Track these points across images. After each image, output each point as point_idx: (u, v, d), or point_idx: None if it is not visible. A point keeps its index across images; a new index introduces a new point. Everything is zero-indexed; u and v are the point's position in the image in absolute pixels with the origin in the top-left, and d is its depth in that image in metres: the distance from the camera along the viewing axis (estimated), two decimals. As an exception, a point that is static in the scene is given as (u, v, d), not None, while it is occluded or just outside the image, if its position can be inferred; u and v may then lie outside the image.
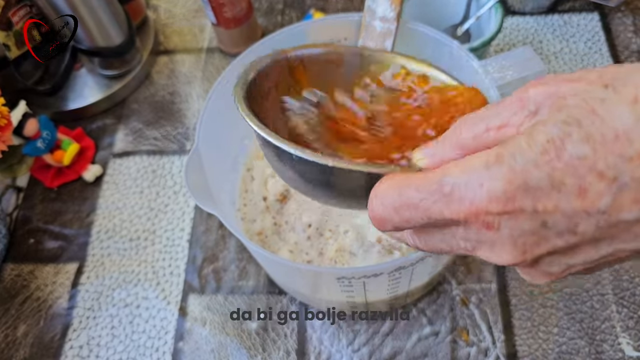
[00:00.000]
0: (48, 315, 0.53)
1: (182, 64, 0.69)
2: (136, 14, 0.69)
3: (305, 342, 0.49)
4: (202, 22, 0.73)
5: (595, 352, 0.46)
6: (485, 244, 0.21)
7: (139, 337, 0.51)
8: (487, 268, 0.50)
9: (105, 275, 0.55)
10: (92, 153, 0.63)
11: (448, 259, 0.44)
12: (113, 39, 0.63)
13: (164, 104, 0.66)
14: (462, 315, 0.48)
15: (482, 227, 0.20)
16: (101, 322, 0.52)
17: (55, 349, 0.51)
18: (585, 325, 0.47)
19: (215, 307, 0.52)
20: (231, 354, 0.49)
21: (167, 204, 0.58)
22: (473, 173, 0.19)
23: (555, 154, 0.18)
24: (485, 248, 0.21)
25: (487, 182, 0.19)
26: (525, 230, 0.19)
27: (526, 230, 0.19)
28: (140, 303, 0.53)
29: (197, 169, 0.41)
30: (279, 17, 0.72)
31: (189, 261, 0.54)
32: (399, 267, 0.37)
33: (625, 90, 0.18)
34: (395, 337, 0.48)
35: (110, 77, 0.67)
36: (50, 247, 0.58)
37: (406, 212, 0.22)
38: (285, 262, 0.40)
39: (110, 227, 0.58)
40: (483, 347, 0.47)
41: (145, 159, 0.62)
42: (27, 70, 0.65)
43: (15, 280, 0.56)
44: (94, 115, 0.66)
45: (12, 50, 0.62)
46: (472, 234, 0.21)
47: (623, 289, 0.48)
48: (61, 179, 0.61)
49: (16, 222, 0.60)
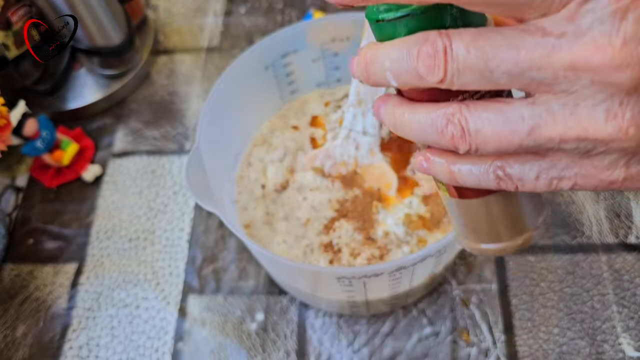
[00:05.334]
0: (47, 316, 0.53)
1: (182, 63, 0.69)
2: (135, 13, 0.69)
3: (305, 343, 0.49)
4: (201, 21, 0.73)
5: (595, 353, 0.46)
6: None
7: (138, 337, 0.51)
8: (488, 268, 0.50)
9: (105, 276, 0.55)
10: (91, 153, 0.63)
11: (448, 259, 0.44)
12: (112, 39, 0.63)
13: (163, 103, 0.66)
14: (463, 316, 0.48)
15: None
16: (100, 323, 0.52)
17: (55, 349, 0.51)
18: (586, 326, 0.47)
19: (215, 307, 0.51)
20: (231, 354, 0.49)
21: (166, 204, 0.58)
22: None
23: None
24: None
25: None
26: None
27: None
28: (139, 303, 0.53)
29: (198, 168, 0.41)
30: (278, 16, 0.71)
31: (189, 261, 0.54)
32: (400, 267, 0.36)
33: None
34: (395, 338, 0.48)
35: (110, 77, 0.67)
36: (49, 247, 0.57)
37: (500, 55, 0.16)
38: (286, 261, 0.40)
39: (110, 227, 0.58)
40: (484, 348, 0.47)
41: (145, 159, 0.62)
42: (26, 70, 0.65)
43: (15, 280, 0.56)
44: (93, 115, 0.66)
45: (11, 50, 0.62)
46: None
47: (624, 289, 0.48)
48: (60, 179, 0.61)
49: (15, 222, 0.60)
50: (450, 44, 0.17)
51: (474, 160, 0.20)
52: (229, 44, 0.70)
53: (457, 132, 0.18)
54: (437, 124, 0.19)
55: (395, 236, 0.45)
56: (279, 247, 0.47)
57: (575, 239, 0.51)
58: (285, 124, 0.54)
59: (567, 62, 0.16)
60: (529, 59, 0.16)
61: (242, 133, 0.53)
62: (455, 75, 0.17)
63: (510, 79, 0.17)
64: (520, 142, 0.18)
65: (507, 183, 0.19)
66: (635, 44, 0.15)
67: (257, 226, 0.48)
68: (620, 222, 0.52)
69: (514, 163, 0.19)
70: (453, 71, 0.17)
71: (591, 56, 0.16)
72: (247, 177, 0.51)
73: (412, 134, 0.20)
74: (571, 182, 0.19)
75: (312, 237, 0.47)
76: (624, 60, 0.15)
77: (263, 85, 0.51)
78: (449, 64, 0.17)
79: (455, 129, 0.18)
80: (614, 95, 0.16)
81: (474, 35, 0.17)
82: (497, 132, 0.18)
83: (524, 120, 0.17)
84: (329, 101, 0.55)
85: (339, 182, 0.49)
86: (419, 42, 0.18)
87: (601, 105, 0.16)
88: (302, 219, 0.48)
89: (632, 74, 0.15)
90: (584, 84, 0.16)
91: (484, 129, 0.18)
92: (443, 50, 0.17)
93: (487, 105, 0.18)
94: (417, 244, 0.45)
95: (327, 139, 0.52)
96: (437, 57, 0.17)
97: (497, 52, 0.17)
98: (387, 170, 0.48)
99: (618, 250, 0.50)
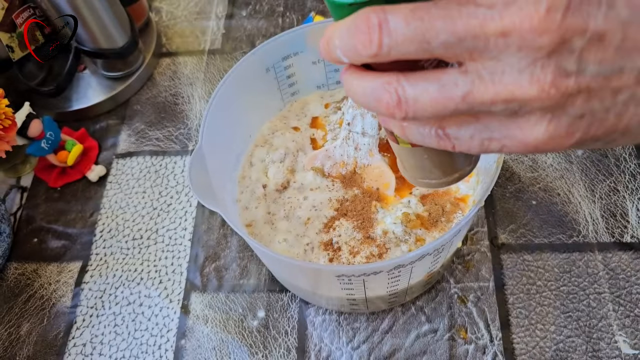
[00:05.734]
0: (52, 314, 0.54)
1: (185, 65, 0.70)
2: (139, 16, 0.70)
3: (305, 340, 0.49)
4: (203, 24, 0.74)
5: (592, 350, 0.46)
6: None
7: (141, 334, 0.52)
8: (485, 267, 0.51)
9: (109, 274, 0.56)
10: (95, 153, 0.63)
11: (446, 257, 0.45)
12: (116, 41, 0.64)
13: (166, 105, 0.67)
14: (460, 313, 0.49)
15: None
16: (104, 320, 0.53)
17: (59, 346, 0.52)
18: (582, 324, 0.48)
19: (217, 305, 0.52)
20: (232, 351, 0.50)
21: (169, 204, 0.59)
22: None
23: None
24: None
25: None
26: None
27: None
28: (142, 301, 0.53)
29: (200, 168, 0.41)
30: (279, 19, 0.72)
31: (191, 260, 0.55)
32: (398, 265, 0.37)
33: None
34: (394, 335, 0.49)
35: (113, 79, 0.67)
36: (53, 246, 0.58)
37: (424, 30, 0.18)
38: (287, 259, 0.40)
39: (114, 226, 0.59)
40: (481, 345, 0.47)
41: (148, 160, 0.63)
42: (31, 72, 0.66)
43: (19, 279, 0.56)
44: (97, 116, 0.67)
45: (16, 52, 0.62)
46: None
47: (619, 287, 0.49)
48: (65, 179, 0.62)
49: (20, 222, 0.61)
50: (385, 18, 0.18)
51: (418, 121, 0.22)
52: (230, 47, 0.71)
53: (393, 100, 0.20)
54: (376, 93, 0.20)
55: (393, 235, 0.45)
56: (279, 245, 0.47)
57: (572, 238, 0.52)
58: (286, 125, 0.55)
59: (499, 29, 0.17)
60: (464, 28, 0.18)
61: (244, 134, 0.53)
62: (394, 48, 0.19)
63: (446, 48, 0.18)
64: (455, 107, 0.19)
65: (446, 142, 0.21)
66: (555, 11, 0.17)
67: (259, 225, 0.49)
68: (616, 222, 0.52)
69: (452, 124, 0.21)
70: (390, 44, 0.19)
71: (519, 23, 0.17)
72: (249, 177, 0.52)
73: (359, 101, 0.21)
74: (500, 144, 0.21)
75: (313, 235, 0.47)
76: (547, 25, 0.17)
77: (264, 87, 0.52)
78: (385, 38, 0.19)
79: (391, 97, 0.20)
80: (537, 60, 0.18)
81: (412, 9, 0.18)
82: (434, 99, 0.19)
83: (457, 86, 0.19)
84: (329, 103, 0.56)
85: (339, 182, 0.50)
86: (357, 19, 0.19)
87: (526, 70, 0.18)
88: (303, 218, 0.49)
89: (553, 38, 0.17)
90: (511, 51, 0.18)
91: (421, 96, 0.19)
92: (378, 25, 0.19)
93: (424, 74, 0.19)
94: (416, 243, 0.46)
95: (327, 139, 0.53)
96: (371, 32, 0.19)
97: (435, 23, 0.18)
98: (386, 170, 0.49)
99: (614, 249, 0.51)
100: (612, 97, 0.19)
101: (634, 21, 0.17)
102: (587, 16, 0.17)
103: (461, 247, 0.52)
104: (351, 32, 0.19)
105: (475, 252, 0.52)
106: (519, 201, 0.54)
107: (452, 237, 0.38)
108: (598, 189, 0.54)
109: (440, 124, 0.21)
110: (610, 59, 0.18)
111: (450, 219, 0.47)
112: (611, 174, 0.55)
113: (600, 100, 0.19)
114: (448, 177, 0.29)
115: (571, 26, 0.17)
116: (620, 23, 0.17)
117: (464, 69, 0.19)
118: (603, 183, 0.55)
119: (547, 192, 0.55)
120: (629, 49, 0.18)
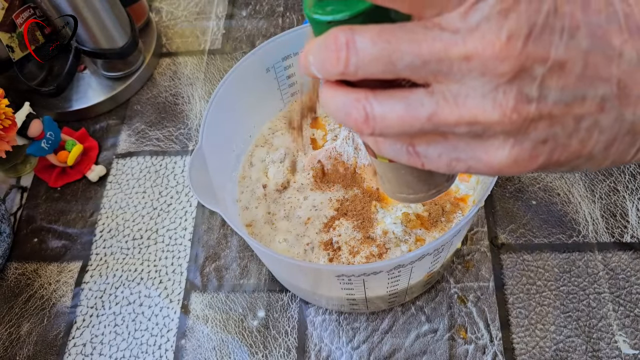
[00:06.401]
0: (52, 314, 0.54)
1: (185, 65, 0.70)
2: (139, 16, 0.70)
3: (305, 340, 0.49)
4: (203, 24, 0.74)
5: (592, 350, 0.46)
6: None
7: (141, 334, 0.52)
8: (485, 267, 0.51)
9: (109, 274, 0.56)
10: (95, 153, 0.63)
11: (446, 257, 0.45)
12: (116, 41, 0.64)
13: (166, 105, 0.67)
14: (460, 313, 0.49)
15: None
16: (104, 320, 0.53)
17: (59, 346, 0.52)
18: (582, 324, 0.48)
19: (217, 305, 0.52)
20: (232, 351, 0.50)
21: (169, 204, 0.59)
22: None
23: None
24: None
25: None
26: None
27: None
28: (143, 301, 0.54)
29: (201, 168, 0.41)
30: (279, 19, 0.72)
31: (191, 260, 0.55)
32: (398, 265, 0.37)
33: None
34: (394, 335, 0.49)
35: (114, 79, 0.67)
36: (54, 246, 0.58)
37: (391, 51, 0.18)
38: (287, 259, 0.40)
39: (114, 226, 0.59)
40: (481, 345, 0.47)
41: (148, 160, 0.63)
42: (31, 72, 0.66)
43: (19, 279, 0.56)
44: (97, 116, 0.67)
45: (16, 52, 0.62)
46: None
47: (619, 287, 0.49)
48: (65, 179, 0.62)
49: (20, 222, 0.61)
50: (353, 38, 0.19)
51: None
52: (230, 47, 0.71)
53: (361, 116, 0.20)
54: (346, 108, 0.20)
55: (393, 235, 0.46)
56: (280, 245, 0.47)
57: (572, 238, 0.52)
58: (286, 125, 0.55)
59: (462, 54, 0.18)
60: (428, 51, 0.18)
61: (244, 134, 0.54)
62: (361, 67, 0.19)
63: (412, 70, 0.19)
64: (421, 126, 0.20)
65: (415, 159, 0.22)
66: (516, 39, 0.17)
67: (259, 225, 0.49)
68: (616, 222, 0.52)
69: (422, 142, 0.21)
70: (357, 63, 0.19)
71: (482, 49, 0.18)
72: (249, 177, 0.52)
73: (332, 115, 0.22)
74: (466, 165, 0.21)
75: (313, 235, 0.48)
76: (508, 52, 0.17)
77: (264, 87, 0.52)
78: (352, 58, 0.19)
79: (359, 113, 0.20)
80: (499, 85, 0.18)
81: (379, 30, 0.19)
82: (400, 117, 0.20)
83: (423, 106, 0.19)
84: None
85: (339, 182, 0.50)
86: (327, 37, 0.20)
87: (489, 95, 0.18)
88: (303, 217, 0.49)
89: (514, 64, 0.18)
90: (474, 75, 0.18)
91: (388, 114, 0.20)
92: (345, 44, 0.19)
93: (392, 93, 0.20)
94: (415, 243, 0.46)
95: (327, 139, 0.53)
96: (339, 50, 0.19)
97: (400, 45, 0.18)
98: None
99: (614, 249, 0.51)
100: (575, 123, 0.19)
101: (595, 51, 0.18)
102: (548, 45, 0.18)
103: (461, 247, 0.52)
104: (322, 49, 0.20)
105: (475, 252, 0.52)
106: (519, 201, 0.54)
107: (452, 237, 0.38)
108: (598, 189, 0.54)
109: (410, 141, 0.21)
110: (571, 87, 0.18)
111: (450, 219, 0.47)
112: (611, 174, 0.55)
113: (563, 126, 0.19)
114: (425, 193, 0.29)
115: (532, 54, 0.18)
116: (581, 52, 0.18)
117: (431, 89, 0.19)
118: (603, 183, 0.55)
119: (547, 192, 0.55)
120: (590, 77, 0.18)
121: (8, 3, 0.60)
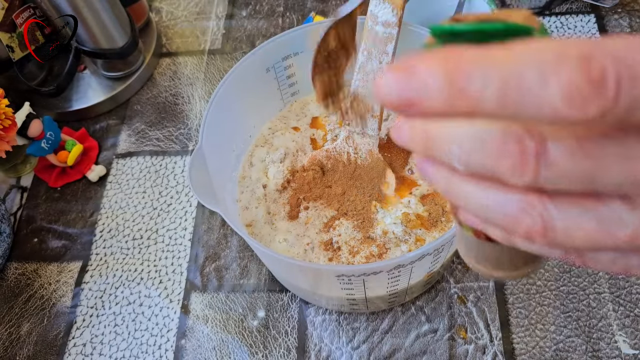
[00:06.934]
0: (52, 314, 0.54)
1: (185, 65, 0.70)
2: (139, 16, 0.70)
3: (305, 340, 0.49)
4: (204, 24, 0.74)
5: (592, 350, 0.46)
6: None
7: (141, 334, 0.52)
8: (485, 267, 0.51)
9: (109, 274, 0.56)
10: (95, 153, 0.63)
11: (446, 257, 0.45)
12: (116, 41, 0.64)
13: (166, 105, 0.67)
14: (460, 313, 0.49)
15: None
16: (104, 320, 0.53)
17: (59, 346, 0.52)
18: (582, 324, 0.48)
19: (217, 305, 0.52)
20: (232, 351, 0.50)
21: (169, 204, 0.59)
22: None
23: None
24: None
25: None
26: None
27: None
28: (143, 301, 0.54)
29: (201, 168, 0.41)
30: (279, 19, 0.72)
31: (191, 260, 0.55)
32: (398, 265, 0.37)
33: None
34: (394, 335, 0.49)
35: (114, 79, 0.67)
36: (54, 246, 0.58)
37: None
38: (287, 259, 0.41)
39: (114, 226, 0.59)
40: (481, 345, 0.47)
41: (148, 160, 0.63)
42: (31, 72, 0.66)
43: (19, 279, 0.56)
44: (97, 116, 0.67)
45: (16, 52, 0.62)
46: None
47: (619, 287, 0.49)
48: (65, 179, 0.62)
49: (20, 222, 0.61)
50: (544, 147, 0.15)
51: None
52: (230, 47, 0.71)
53: (537, 226, 0.16)
54: (509, 210, 0.16)
55: (393, 235, 0.46)
56: (280, 245, 0.47)
57: (572, 238, 0.52)
58: (286, 125, 0.55)
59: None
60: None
61: (244, 134, 0.54)
62: (549, 181, 0.15)
63: (618, 187, 0.15)
64: (615, 245, 0.16)
65: (574, 260, 0.18)
66: None
67: (259, 225, 0.49)
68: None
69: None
70: (548, 177, 0.15)
71: None
72: (249, 177, 0.52)
73: (468, 208, 0.17)
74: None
75: (313, 235, 0.48)
76: None
77: (264, 87, 0.52)
78: (542, 171, 0.15)
79: (534, 222, 0.16)
80: None
81: (579, 140, 0.14)
82: (590, 234, 0.16)
83: (623, 223, 0.15)
84: (329, 102, 0.56)
85: (339, 182, 0.50)
86: (502, 135, 0.15)
87: None
88: (303, 217, 0.49)
89: None
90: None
91: (574, 229, 0.16)
92: (535, 154, 0.15)
93: (575, 201, 0.16)
94: (415, 243, 0.46)
95: (327, 139, 0.53)
96: (525, 159, 0.15)
97: (608, 162, 0.14)
98: (386, 170, 0.49)
99: (614, 250, 0.51)
100: None
101: None
102: None
103: (461, 247, 0.52)
104: (488, 147, 0.15)
105: (475, 252, 0.52)
106: (519, 201, 0.54)
107: (452, 237, 0.38)
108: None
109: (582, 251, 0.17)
110: None
111: (450, 219, 0.47)
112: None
113: None
114: (519, 271, 0.25)
115: None
116: None
117: (631, 203, 0.15)
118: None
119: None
120: None
121: (8, 3, 0.60)
